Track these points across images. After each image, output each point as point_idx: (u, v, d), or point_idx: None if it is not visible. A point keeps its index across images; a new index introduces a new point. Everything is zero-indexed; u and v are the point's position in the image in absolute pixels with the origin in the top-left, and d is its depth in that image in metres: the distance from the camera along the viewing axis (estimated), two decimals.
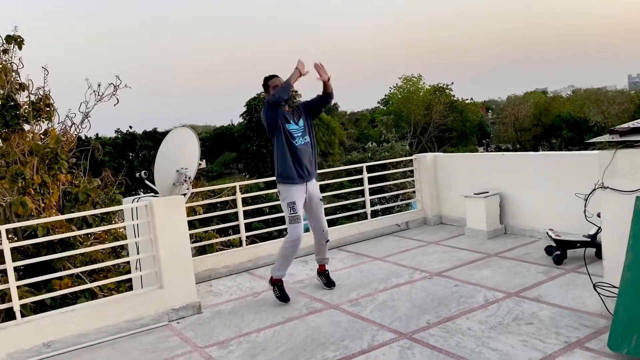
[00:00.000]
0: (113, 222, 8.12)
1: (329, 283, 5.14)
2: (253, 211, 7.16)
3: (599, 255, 5.01)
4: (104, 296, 6.62)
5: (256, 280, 5.62)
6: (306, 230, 6.72)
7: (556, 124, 46.13)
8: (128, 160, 45.20)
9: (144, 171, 5.40)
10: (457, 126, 47.71)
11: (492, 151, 50.67)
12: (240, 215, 6.05)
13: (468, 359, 3.47)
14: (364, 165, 6.98)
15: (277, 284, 4.89)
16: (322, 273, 5.21)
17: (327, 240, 5.12)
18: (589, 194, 3.95)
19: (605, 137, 3.96)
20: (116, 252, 7.75)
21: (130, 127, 48.16)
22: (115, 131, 47.42)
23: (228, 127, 58.86)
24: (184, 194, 5.18)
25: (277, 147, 4.78)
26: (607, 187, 3.79)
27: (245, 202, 6.24)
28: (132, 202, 4.97)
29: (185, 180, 5.21)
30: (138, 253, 4.98)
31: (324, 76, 4.79)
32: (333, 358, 3.65)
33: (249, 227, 6.33)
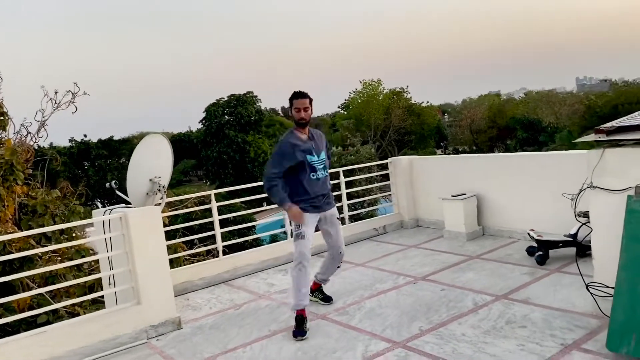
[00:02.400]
0: (73, 234, 7.73)
1: (326, 298, 4.79)
2: (221, 221, 6.67)
3: (579, 254, 5.05)
4: (66, 312, 6.23)
5: (235, 291, 5.41)
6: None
7: (511, 126, 47.44)
8: (84, 170, 43.85)
9: (114, 181, 5.13)
10: (416, 129, 48.41)
11: (449, 153, 51.62)
12: (217, 225, 5.84)
13: None
14: (341, 169, 6.87)
15: (297, 318, 4.24)
16: (316, 290, 4.82)
17: (339, 266, 4.78)
18: (578, 194, 3.94)
19: (591, 137, 3.96)
20: (79, 268, 7.37)
21: (85, 135, 46.83)
22: (70, 140, 46.00)
23: (186, 133, 58.04)
24: (158, 204, 4.95)
25: (290, 180, 4.34)
26: (597, 187, 3.78)
27: (209, 210, 5.97)
28: (104, 214, 4.70)
29: (159, 190, 4.98)
30: (111, 268, 4.71)
31: None
32: None
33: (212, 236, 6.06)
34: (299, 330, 4.16)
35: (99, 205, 37.11)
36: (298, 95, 4.39)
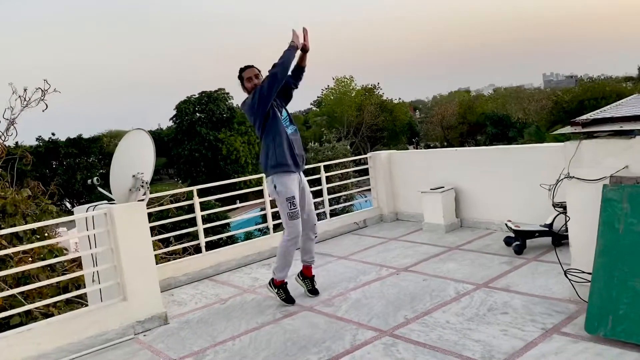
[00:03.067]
0: (45, 234, 7.58)
1: (313, 290, 4.80)
2: (191, 220, 6.48)
3: (555, 243, 5.24)
4: (40, 314, 6.13)
5: (220, 286, 5.43)
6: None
7: (481, 122, 48.19)
8: (52, 169, 42.86)
9: (95, 178, 5.10)
10: (388, 126, 48.82)
11: (421, 149, 52.17)
12: (199, 221, 5.84)
13: (453, 352, 3.49)
14: (322, 164, 6.94)
15: (281, 286, 4.67)
16: (308, 277, 4.86)
17: (316, 235, 4.88)
18: (556, 185, 4.09)
19: (567, 129, 4.11)
20: (52, 268, 7.26)
21: (53, 134, 45.73)
22: (37, 139, 44.84)
23: (156, 131, 57.34)
24: (141, 200, 4.93)
25: (271, 135, 4.49)
26: (573, 177, 3.93)
27: (183, 208, 5.99)
28: (87, 211, 4.66)
29: (142, 186, 4.96)
30: (95, 265, 4.68)
31: (308, 44, 4.51)
32: None
33: (187, 234, 6.07)
34: (289, 297, 4.65)
35: (68, 205, 36.29)
36: (245, 67, 4.60)
